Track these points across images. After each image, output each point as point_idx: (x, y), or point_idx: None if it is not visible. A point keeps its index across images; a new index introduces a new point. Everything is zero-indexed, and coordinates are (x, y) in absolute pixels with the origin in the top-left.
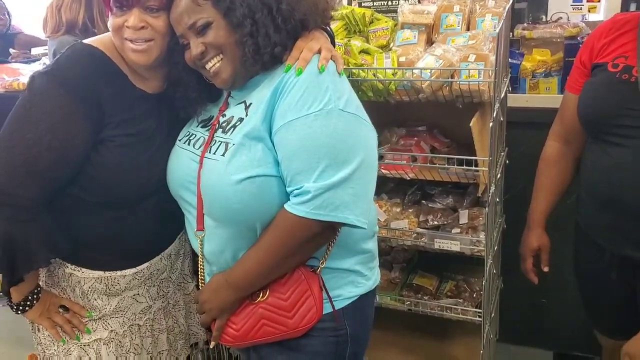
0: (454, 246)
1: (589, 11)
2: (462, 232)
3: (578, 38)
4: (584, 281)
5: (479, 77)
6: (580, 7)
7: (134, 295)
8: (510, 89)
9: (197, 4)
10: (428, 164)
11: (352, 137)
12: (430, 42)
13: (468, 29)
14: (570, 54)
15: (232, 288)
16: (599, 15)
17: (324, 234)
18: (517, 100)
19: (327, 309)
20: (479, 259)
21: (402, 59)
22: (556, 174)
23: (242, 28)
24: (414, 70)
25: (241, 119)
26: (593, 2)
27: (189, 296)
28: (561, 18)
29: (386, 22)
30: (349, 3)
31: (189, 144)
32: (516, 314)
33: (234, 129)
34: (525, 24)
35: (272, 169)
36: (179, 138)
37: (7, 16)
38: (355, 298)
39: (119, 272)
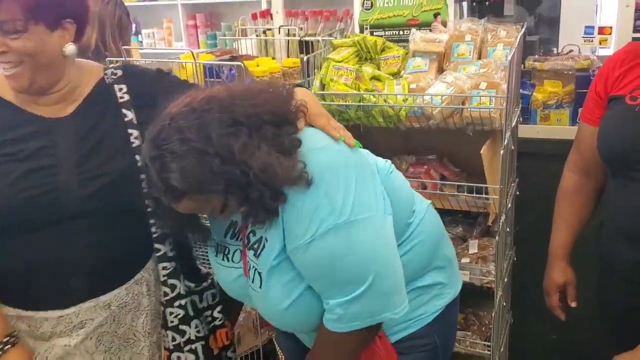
0: (463, 276)
1: (600, 44)
2: (472, 262)
3: (590, 70)
4: (608, 315)
5: (490, 104)
6: (591, 39)
7: (65, 345)
8: (521, 119)
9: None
10: (438, 192)
11: (358, 246)
12: (441, 71)
13: (479, 58)
14: (582, 85)
15: None
16: (608, 50)
17: (372, 332)
18: (528, 131)
19: (415, 326)
20: (489, 292)
21: (413, 85)
22: (576, 206)
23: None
24: (425, 97)
25: (266, 239)
26: (604, 34)
27: (140, 355)
28: (572, 51)
29: (397, 50)
30: (361, 31)
31: (227, 260)
32: (526, 350)
33: (262, 252)
34: (536, 56)
35: (304, 282)
36: (214, 254)
37: None
38: (442, 309)
39: (40, 313)
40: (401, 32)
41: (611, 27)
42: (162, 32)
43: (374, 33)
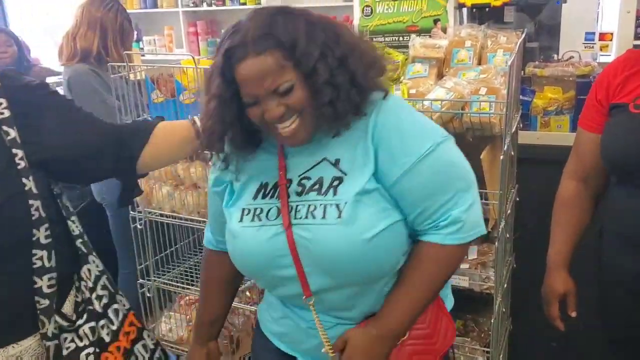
0: (462, 282)
1: (601, 50)
2: (471, 268)
3: (590, 77)
4: (611, 323)
5: (490, 109)
6: (592, 45)
7: None
8: (521, 125)
9: (281, 66)
10: None
11: (460, 157)
12: (440, 76)
13: (479, 64)
14: (583, 92)
15: (388, 339)
16: (609, 57)
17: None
18: (528, 138)
19: None
20: (488, 298)
21: (413, 91)
22: (575, 213)
23: (321, 93)
24: (425, 102)
25: (338, 178)
26: (605, 40)
27: None
28: (572, 57)
29: (397, 56)
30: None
31: (258, 220)
32: (525, 357)
33: (334, 189)
34: (536, 62)
35: (396, 214)
36: (237, 221)
37: (15, 48)
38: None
39: None
40: (401, 38)
41: (612, 34)
42: (163, 39)
43: (374, 39)
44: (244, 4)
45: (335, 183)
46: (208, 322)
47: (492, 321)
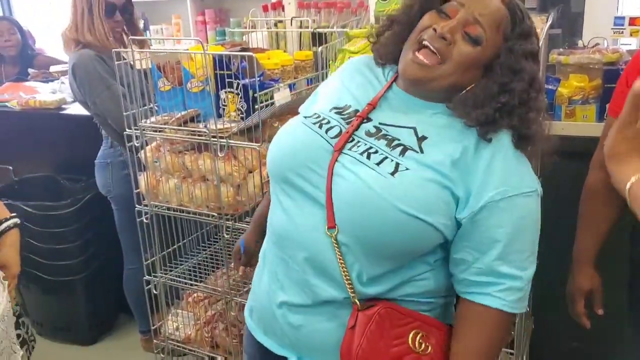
0: None
1: (631, 35)
2: None
3: (619, 64)
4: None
5: None
6: (621, 30)
7: None
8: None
9: (498, 23)
10: None
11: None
12: None
13: None
14: (610, 80)
15: None
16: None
17: None
18: (552, 128)
19: None
20: None
21: None
22: (603, 206)
23: (496, 81)
24: None
25: (413, 149)
26: (636, 25)
27: None
28: (598, 44)
29: None
30: (377, 22)
31: (319, 127)
32: (549, 357)
33: (403, 152)
34: (561, 49)
35: (437, 220)
36: (304, 115)
37: (18, 36)
38: None
39: None
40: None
41: None
42: (171, 28)
43: None
44: None
45: (409, 148)
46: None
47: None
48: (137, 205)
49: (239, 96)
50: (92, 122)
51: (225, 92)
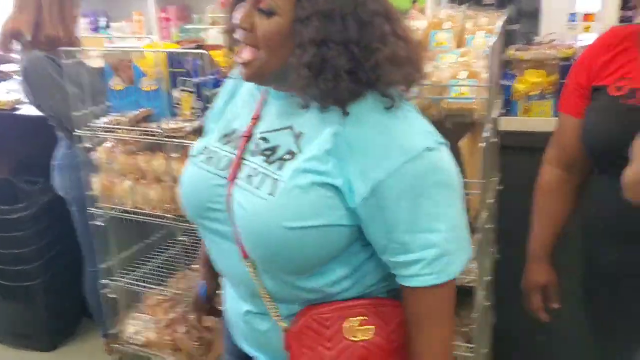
0: None
1: (585, 30)
2: None
3: (573, 60)
4: (595, 314)
5: (470, 94)
6: (574, 26)
7: None
8: (503, 111)
9: None
10: None
11: (451, 164)
12: None
13: (459, 47)
14: (566, 75)
15: None
16: (591, 38)
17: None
18: (509, 124)
19: None
20: (471, 292)
21: None
22: (557, 202)
23: (302, 50)
24: None
25: (291, 153)
26: (588, 21)
27: None
28: (554, 40)
29: None
30: None
31: (208, 164)
32: (512, 352)
33: (282, 164)
34: (518, 45)
35: (332, 219)
36: (192, 153)
37: None
38: None
39: None
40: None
41: (594, 14)
42: (133, 25)
43: None
44: None
45: (287, 157)
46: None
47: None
48: (90, 208)
49: (194, 95)
50: (48, 123)
51: (180, 91)
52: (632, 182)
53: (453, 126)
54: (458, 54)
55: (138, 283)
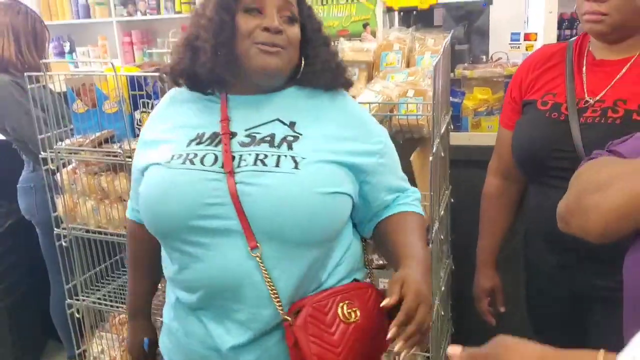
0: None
1: (527, 49)
2: None
3: None
4: (537, 319)
5: (417, 111)
6: (518, 45)
7: None
8: (452, 127)
9: None
10: None
11: None
12: (370, 80)
13: (408, 67)
14: None
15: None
16: None
17: None
18: (459, 139)
19: None
20: None
21: None
22: (499, 211)
23: (313, 41)
24: None
25: (293, 137)
26: (530, 40)
27: None
28: (501, 58)
29: None
30: None
31: (190, 163)
32: None
33: (288, 144)
34: (465, 64)
35: (350, 187)
36: (162, 161)
37: None
38: None
39: None
40: (332, 43)
41: (536, 34)
42: (97, 49)
43: None
44: (179, 12)
45: (290, 139)
46: (143, 294)
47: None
48: (55, 229)
49: None
50: (12, 145)
51: (140, 113)
52: (560, 214)
53: (404, 141)
54: (406, 73)
55: (103, 302)
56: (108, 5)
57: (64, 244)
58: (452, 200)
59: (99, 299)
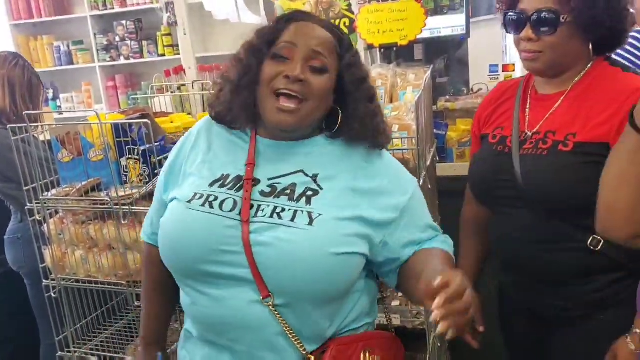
0: (394, 320)
1: (506, 79)
2: (402, 305)
3: None
4: (508, 336)
5: (402, 145)
6: (497, 77)
7: None
8: (437, 158)
9: (331, 48)
10: None
11: None
12: None
13: (391, 102)
14: None
15: None
16: None
17: None
18: (445, 170)
19: None
20: (424, 334)
21: None
22: (473, 234)
23: (352, 93)
24: None
25: (313, 191)
26: (508, 71)
27: None
28: (481, 89)
29: None
30: None
31: (210, 207)
32: None
33: (307, 199)
34: (447, 97)
35: (365, 247)
36: (183, 199)
37: None
38: None
39: None
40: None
41: (514, 64)
42: (81, 95)
43: None
44: (162, 55)
45: (310, 194)
46: (162, 317)
47: (427, 357)
48: (44, 280)
49: (140, 162)
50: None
51: (127, 159)
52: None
53: None
54: (390, 108)
55: (95, 352)
56: (91, 50)
57: (53, 295)
58: (442, 231)
59: (91, 349)
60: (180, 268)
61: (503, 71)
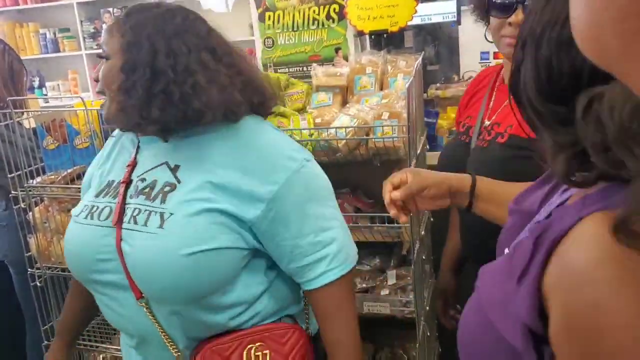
0: (383, 309)
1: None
2: (391, 294)
3: None
4: None
5: (393, 133)
6: (487, 64)
7: None
8: (428, 147)
9: (112, 33)
10: (352, 224)
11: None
12: (345, 104)
13: (382, 89)
14: None
15: None
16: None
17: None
18: (435, 158)
19: None
20: (413, 323)
21: (318, 120)
22: (457, 218)
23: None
24: (330, 130)
25: (171, 185)
26: (499, 58)
27: None
28: (472, 77)
29: (301, 86)
30: (265, 69)
31: (90, 218)
32: None
33: (164, 196)
34: (438, 84)
35: (227, 241)
36: (74, 214)
37: None
38: None
39: None
40: (305, 69)
41: None
42: (68, 83)
43: (279, 70)
44: None
45: (167, 189)
46: (71, 316)
47: (417, 346)
48: (29, 269)
49: None
50: None
51: None
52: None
53: (381, 164)
54: (380, 96)
55: (81, 342)
56: (77, 38)
57: (38, 284)
58: (432, 219)
59: (79, 338)
60: (79, 279)
61: (494, 58)
